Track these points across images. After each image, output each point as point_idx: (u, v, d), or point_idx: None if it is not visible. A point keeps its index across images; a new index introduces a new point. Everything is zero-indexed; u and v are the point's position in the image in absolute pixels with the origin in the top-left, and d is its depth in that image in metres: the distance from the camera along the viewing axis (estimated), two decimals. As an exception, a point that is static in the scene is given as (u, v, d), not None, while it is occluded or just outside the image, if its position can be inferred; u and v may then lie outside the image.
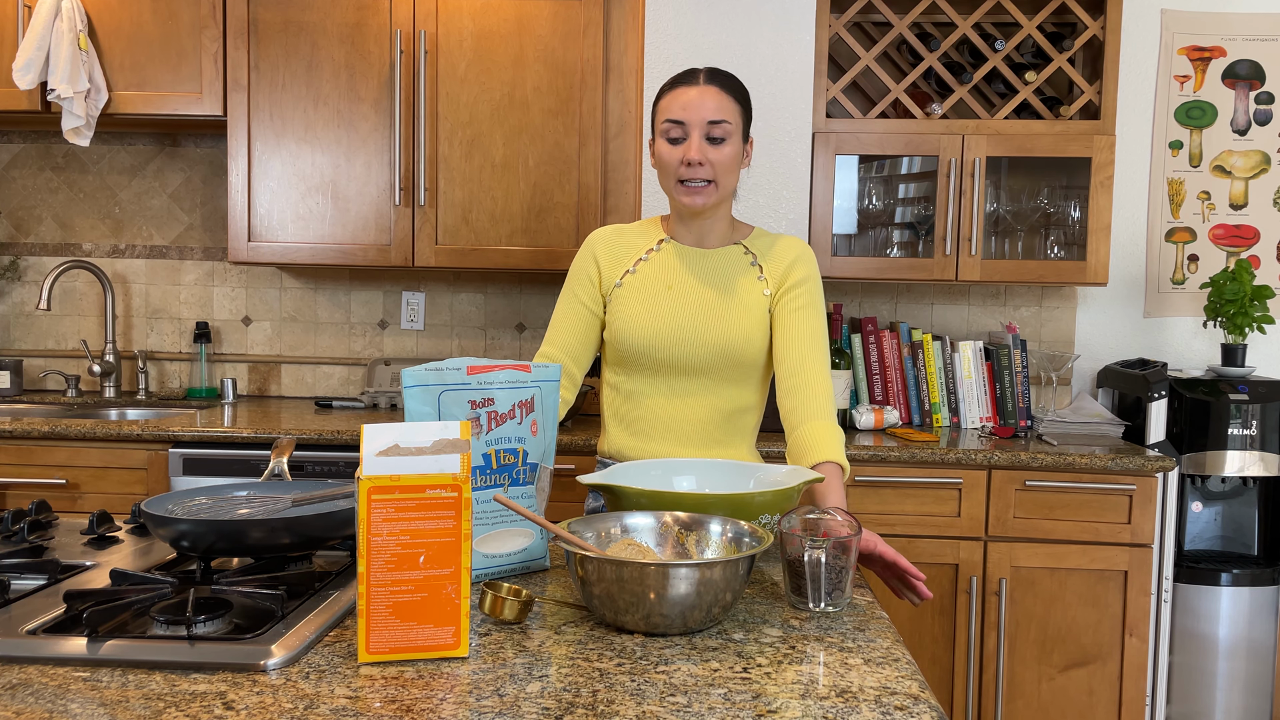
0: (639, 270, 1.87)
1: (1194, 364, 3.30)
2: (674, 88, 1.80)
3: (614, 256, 1.89)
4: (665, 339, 1.81)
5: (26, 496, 2.77)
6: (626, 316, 1.84)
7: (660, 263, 1.87)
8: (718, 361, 1.82)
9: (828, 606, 1.25)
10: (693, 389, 1.84)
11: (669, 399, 1.84)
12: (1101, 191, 2.95)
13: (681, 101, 1.77)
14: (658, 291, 1.85)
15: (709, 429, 1.85)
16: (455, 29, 2.96)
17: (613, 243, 1.91)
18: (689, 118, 1.76)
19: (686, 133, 1.77)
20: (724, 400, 1.85)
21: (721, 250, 1.88)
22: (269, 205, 3.02)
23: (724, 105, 1.77)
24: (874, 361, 3.16)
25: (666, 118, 1.78)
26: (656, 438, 1.85)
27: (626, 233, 1.92)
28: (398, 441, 1.07)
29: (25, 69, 2.90)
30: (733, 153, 1.78)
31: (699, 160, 1.75)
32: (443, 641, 1.07)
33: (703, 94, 1.76)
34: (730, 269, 1.86)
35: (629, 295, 1.85)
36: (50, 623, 1.11)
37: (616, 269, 1.88)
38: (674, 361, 1.82)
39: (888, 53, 3.22)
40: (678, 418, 1.84)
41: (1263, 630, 2.85)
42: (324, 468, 2.72)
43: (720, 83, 1.79)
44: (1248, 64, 3.25)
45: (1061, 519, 2.71)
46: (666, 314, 1.82)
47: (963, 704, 2.75)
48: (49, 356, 3.48)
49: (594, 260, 1.89)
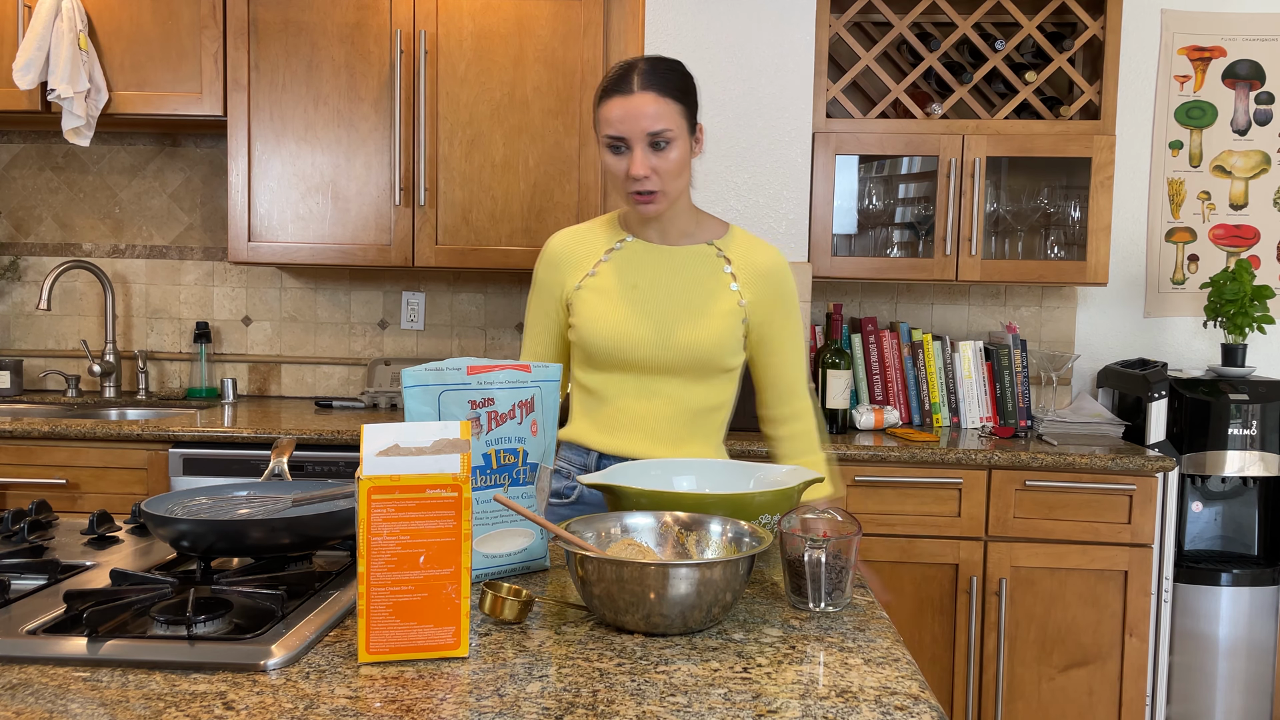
0: (599, 271, 1.82)
1: (1194, 364, 3.30)
2: (610, 98, 1.71)
3: (571, 262, 1.84)
4: (631, 339, 1.77)
5: (26, 496, 2.77)
6: (590, 318, 1.79)
7: (623, 261, 1.82)
8: (687, 363, 1.78)
9: (828, 606, 1.25)
10: (661, 389, 1.80)
11: (637, 398, 1.80)
12: (1101, 191, 2.95)
13: (619, 113, 1.69)
14: (622, 291, 1.80)
15: (676, 427, 1.81)
16: (455, 29, 2.96)
17: (569, 248, 1.86)
18: (627, 130, 1.68)
19: (628, 145, 1.70)
20: (693, 399, 1.81)
21: (691, 249, 1.83)
22: (269, 205, 3.02)
23: (662, 111, 1.68)
24: (874, 361, 3.16)
25: (606, 131, 1.71)
26: (623, 434, 1.81)
27: (583, 234, 1.87)
28: (398, 441, 1.07)
29: (25, 69, 2.90)
30: (679, 157, 1.71)
31: (644, 174, 1.69)
32: (443, 641, 1.07)
33: (639, 103, 1.68)
34: (699, 269, 1.81)
35: (591, 297, 1.80)
36: (50, 623, 1.11)
37: (574, 274, 1.84)
38: (641, 361, 1.78)
39: (888, 53, 3.22)
40: (646, 416, 1.80)
41: (1263, 630, 2.85)
42: (324, 468, 2.72)
43: (656, 85, 1.69)
44: (1248, 64, 3.25)
45: (1061, 519, 2.71)
46: (632, 313, 1.78)
47: (963, 704, 2.75)
48: (49, 356, 3.48)
49: (551, 268, 1.86)
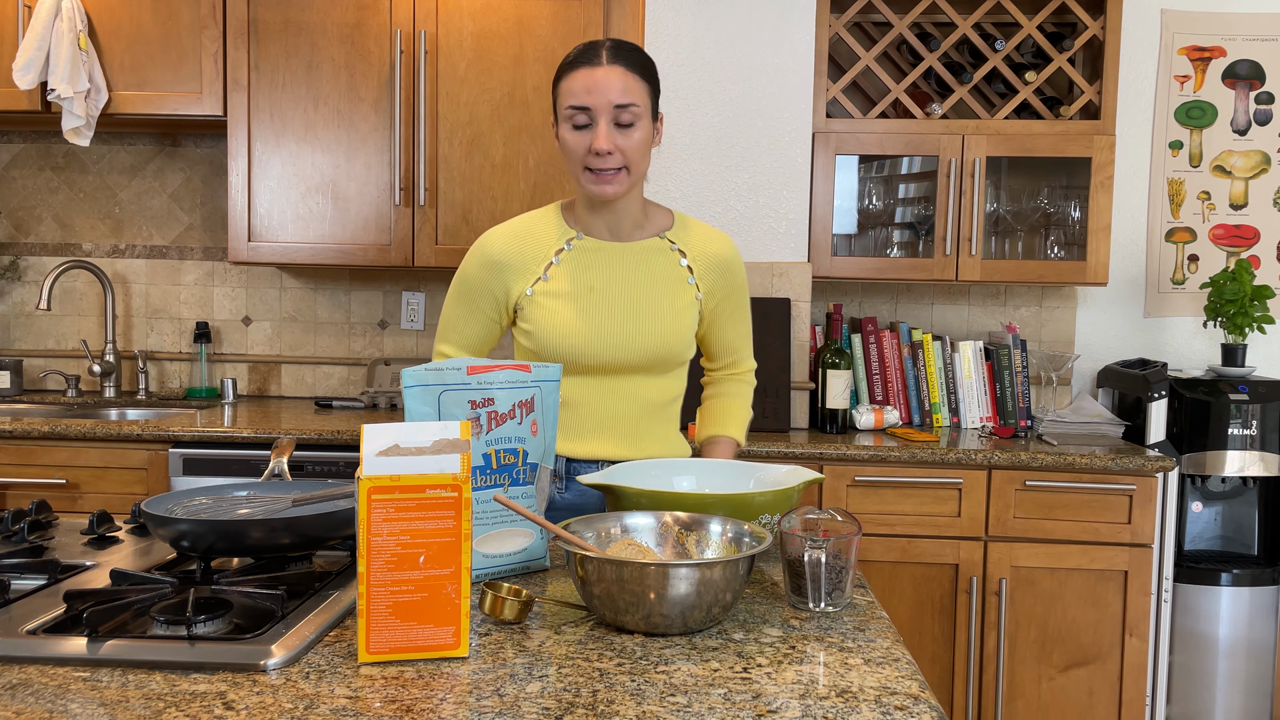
0: (551, 275, 1.73)
1: (1194, 364, 3.30)
2: (575, 69, 1.63)
3: (516, 266, 1.73)
4: (595, 344, 1.71)
5: (26, 496, 2.77)
6: (549, 326, 1.71)
7: (576, 262, 1.74)
8: (650, 361, 1.75)
9: (828, 606, 1.25)
10: (622, 387, 1.76)
11: (600, 399, 1.76)
12: (1101, 191, 2.95)
13: (584, 84, 1.61)
14: (579, 294, 1.72)
15: (640, 422, 1.78)
16: (455, 29, 2.96)
17: (512, 250, 1.74)
18: (594, 102, 1.61)
19: (593, 118, 1.62)
20: (654, 393, 1.79)
21: (643, 244, 1.76)
22: (269, 205, 3.02)
23: (631, 86, 1.62)
24: (874, 361, 3.16)
25: (569, 103, 1.63)
26: (589, 437, 1.77)
27: (525, 233, 1.76)
28: (398, 441, 1.07)
29: (25, 69, 2.90)
30: (643, 137, 1.65)
31: (608, 149, 1.61)
32: (443, 641, 1.07)
33: (607, 75, 1.61)
34: (655, 265, 1.76)
35: (547, 302, 1.72)
36: (50, 623, 1.11)
37: (521, 279, 1.73)
38: (604, 364, 1.73)
39: (888, 53, 3.22)
40: (609, 415, 1.76)
41: (1263, 630, 2.85)
42: (324, 468, 2.72)
43: (625, 60, 1.63)
44: (1248, 64, 3.25)
45: (1061, 519, 2.71)
46: (593, 318, 1.71)
47: (963, 704, 2.75)
48: (49, 356, 3.48)
49: (493, 270, 1.74)
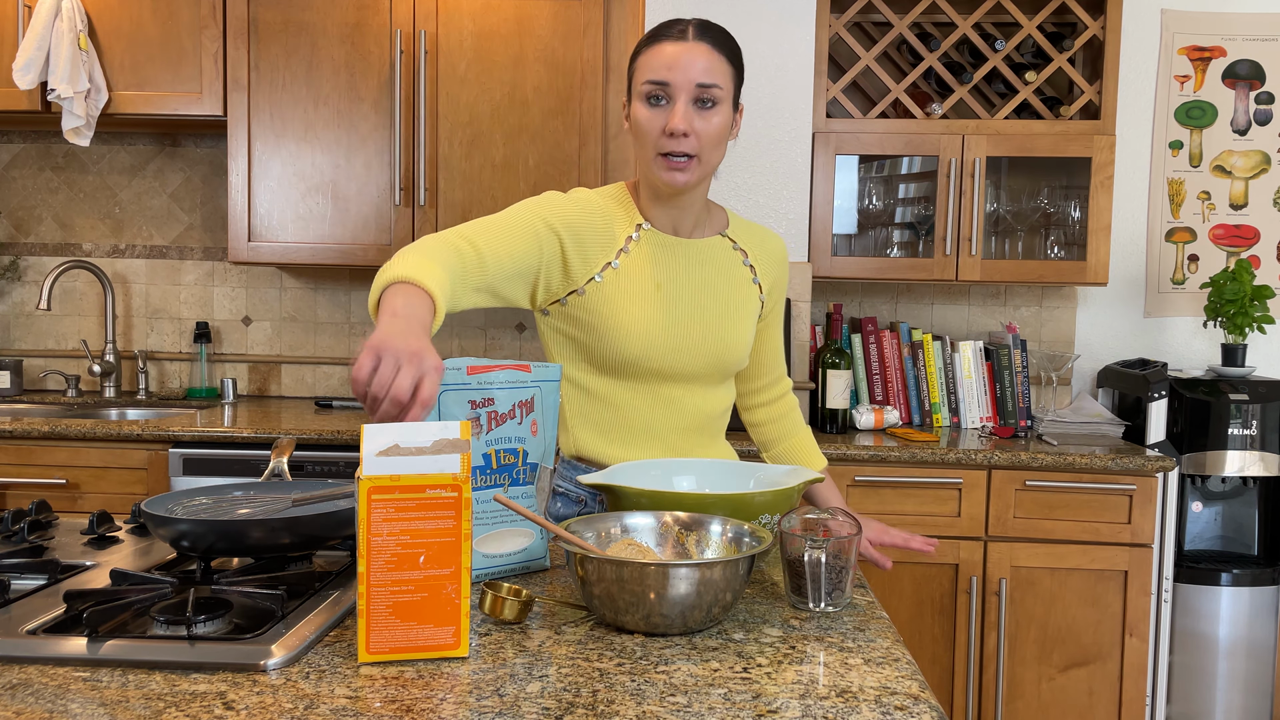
0: (622, 264, 1.58)
1: (1194, 364, 3.30)
2: (656, 41, 1.52)
3: (600, 239, 1.57)
4: (660, 348, 1.58)
5: (26, 496, 2.77)
6: (617, 323, 1.56)
7: (644, 254, 1.60)
8: (710, 369, 1.64)
9: (828, 606, 1.25)
10: (678, 395, 1.63)
11: (653, 407, 1.63)
12: (1101, 191, 2.95)
13: (666, 59, 1.50)
14: (646, 292, 1.58)
15: (691, 434, 1.67)
16: (455, 29, 2.96)
17: (600, 220, 1.58)
18: (674, 78, 1.49)
19: (671, 95, 1.50)
20: (708, 404, 1.67)
21: (706, 242, 1.65)
22: (269, 205, 3.02)
23: (715, 65, 1.51)
24: (874, 361, 3.16)
25: (648, 78, 1.51)
26: (638, 446, 1.64)
27: (608, 208, 1.60)
28: (398, 441, 1.07)
29: (25, 69, 2.90)
30: (722, 122, 1.53)
31: (684, 130, 1.49)
32: (443, 641, 1.07)
33: (691, 51, 1.50)
34: (720, 266, 1.65)
35: (613, 295, 1.57)
36: (50, 623, 1.11)
37: (599, 254, 1.57)
38: (664, 370, 1.60)
39: (888, 53, 3.22)
40: (661, 425, 1.64)
41: (1263, 630, 2.85)
42: (324, 468, 2.72)
43: (712, 39, 1.52)
44: (1248, 64, 3.25)
45: (1061, 519, 2.71)
46: (660, 319, 1.58)
47: (963, 704, 2.75)
48: (49, 356, 3.48)
49: (579, 227, 1.56)
